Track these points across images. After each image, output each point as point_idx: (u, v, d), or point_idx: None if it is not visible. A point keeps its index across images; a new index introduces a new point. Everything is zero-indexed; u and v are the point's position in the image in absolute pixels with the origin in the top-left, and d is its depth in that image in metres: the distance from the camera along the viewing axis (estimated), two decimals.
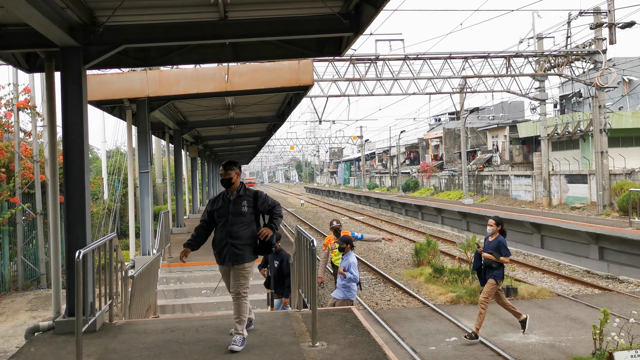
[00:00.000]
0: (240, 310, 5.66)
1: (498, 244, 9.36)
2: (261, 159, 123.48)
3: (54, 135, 7.31)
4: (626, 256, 16.09)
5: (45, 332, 6.42)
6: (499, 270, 9.42)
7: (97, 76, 11.62)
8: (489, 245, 9.48)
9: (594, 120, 26.43)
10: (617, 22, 24.44)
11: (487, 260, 9.44)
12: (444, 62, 25.93)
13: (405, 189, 50.94)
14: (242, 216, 5.76)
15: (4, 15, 6.39)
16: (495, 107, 48.35)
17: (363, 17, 7.03)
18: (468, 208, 27.68)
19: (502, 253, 9.32)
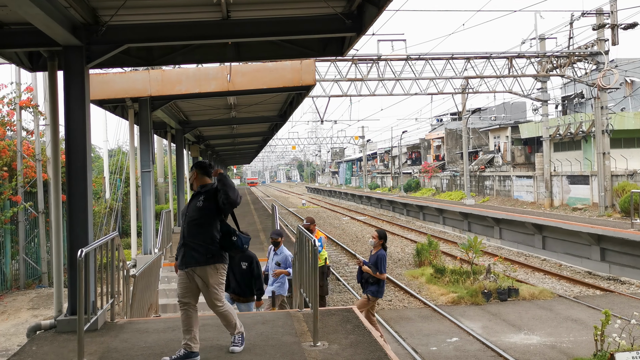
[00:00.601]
0: (227, 319, 5.33)
1: (377, 259, 8.78)
2: (263, 158, 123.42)
3: (56, 134, 7.32)
4: (628, 257, 16.07)
5: (47, 330, 6.43)
6: (373, 286, 8.77)
7: (100, 75, 11.64)
8: (370, 259, 8.99)
9: (596, 121, 26.40)
10: (619, 23, 24.41)
11: (365, 274, 8.88)
12: (446, 62, 25.91)
13: (407, 189, 50.92)
14: (199, 211, 5.21)
15: (7, 14, 6.40)
16: (497, 108, 48.30)
17: (365, 18, 7.03)
18: (469, 209, 27.66)
19: (379, 268, 8.71)
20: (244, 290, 7.97)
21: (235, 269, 7.97)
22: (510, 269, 16.65)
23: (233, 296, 8.01)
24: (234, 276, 7.95)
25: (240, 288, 7.98)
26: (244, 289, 7.97)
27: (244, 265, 7.92)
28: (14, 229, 13.43)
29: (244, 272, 7.96)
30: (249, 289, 7.97)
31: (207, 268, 5.17)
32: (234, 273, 7.95)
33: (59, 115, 7.23)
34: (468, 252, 14.59)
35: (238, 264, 7.91)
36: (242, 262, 7.87)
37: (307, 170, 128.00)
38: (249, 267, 7.95)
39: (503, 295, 13.12)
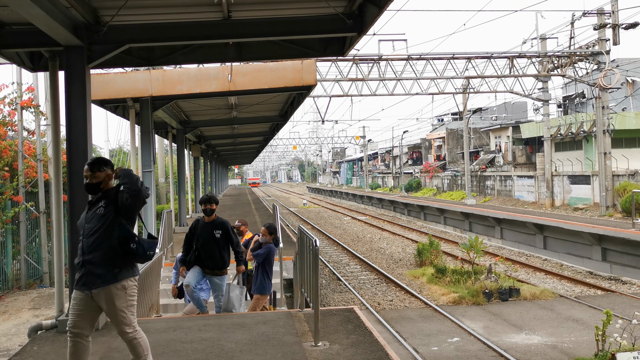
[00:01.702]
0: (137, 350, 4.39)
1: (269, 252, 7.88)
2: (264, 158, 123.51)
3: (57, 134, 7.34)
4: (629, 257, 16.05)
5: (48, 330, 6.44)
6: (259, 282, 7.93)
7: (101, 75, 11.65)
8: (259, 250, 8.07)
9: (597, 121, 26.38)
10: (620, 23, 24.39)
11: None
12: (447, 62, 25.91)
13: (408, 189, 50.91)
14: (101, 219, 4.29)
15: (8, 14, 6.41)
16: (498, 108, 48.28)
17: (366, 17, 7.04)
18: (470, 208, 27.65)
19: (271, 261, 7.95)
20: (219, 262, 7.34)
21: (207, 239, 7.34)
22: (511, 269, 16.63)
23: (207, 270, 7.36)
24: (205, 248, 7.32)
25: (213, 261, 7.31)
26: (218, 261, 7.32)
27: (218, 233, 7.34)
28: (15, 229, 13.44)
29: (218, 242, 7.34)
30: (224, 260, 7.40)
31: (114, 288, 4.25)
32: (205, 245, 7.33)
33: (60, 115, 7.24)
34: (469, 252, 14.59)
35: (210, 233, 7.33)
36: (215, 230, 7.33)
37: (308, 170, 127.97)
38: (224, 235, 7.38)
39: (504, 295, 13.11)
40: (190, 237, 7.50)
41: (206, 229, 7.38)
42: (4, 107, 13.99)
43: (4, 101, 13.90)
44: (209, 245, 7.31)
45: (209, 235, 7.33)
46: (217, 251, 7.30)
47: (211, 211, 7.43)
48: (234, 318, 6.74)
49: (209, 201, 7.45)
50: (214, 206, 7.46)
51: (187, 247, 7.51)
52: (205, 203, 7.46)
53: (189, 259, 7.43)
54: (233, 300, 7.39)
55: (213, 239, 7.31)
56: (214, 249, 7.30)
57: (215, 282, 7.38)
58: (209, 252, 7.31)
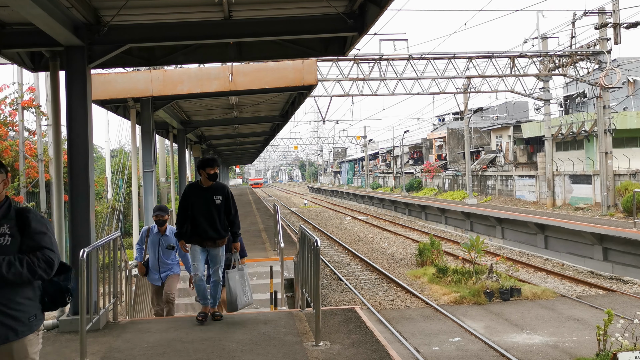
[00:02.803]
0: None
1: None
2: (265, 158, 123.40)
3: (58, 134, 7.35)
4: (630, 257, 16.04)
5: (50, 330, 6.44)
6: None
7: (102, 75, 11.65)
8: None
9: (599, 121, 26.35)
10: (622, 22, 24.36)
11: None
12: (448, 62, 25.89)
13: (409, 189, 50.89)
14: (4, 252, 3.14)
15: (9, 14, 6.41)
16: (499, 107, 48.24)
17: (367, 17, 7.03)
18: (472, 208, 27.63)
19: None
20: (221, 232, 6.50)
21: (208, 206, 6.46)
22: (512, 268, 16.62)
23: (209, 244, 6.48)
24: (206, 217, 6.42)
25: (215, 230, 6.44)
26: (218, 230, 6.47)
27: (218, 199, 6.47)
28: None
29: (219, 208, 6.48)
30: (224, 229, 6.54)
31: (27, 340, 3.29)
32: (205, 214, 6.43)
33: (60, 115, 7.25)
34: (470, 252, 14.57)
35: (210, 199, 6.46)
36: (215, 196, 6.46)
37: (309, 170, 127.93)
38: (225, 200, 6.52)
39: (505, 295, 13.10)
40: (185, 205, 6.50)
41: (205, 195, 6.45)
42: (5, 108, 14.00)
43: (5, 101, 13.90)
44: (209, 214, 6.42)
45: (209, 202, 6.43)
46: (218, 220, 6.44)
47: (216, 176, 6.52)
48: (235, 318, 6.73)
49: (209, 163, 6.46)
50: (217, 170, 6.53)
51: (182, 217, 6.49)
52: (209, 165, 6.43)
53: (185, 230, 6.47)
54: (236, 290, 6.63)
55: (214, 206, 6.43)
56: (214, 217, 6.42)
57: (213, 254, 6.58)
58: (210, 222, 6.41)
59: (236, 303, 6.63)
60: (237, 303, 6.62)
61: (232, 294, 6.63)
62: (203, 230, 6.43)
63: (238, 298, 6.64)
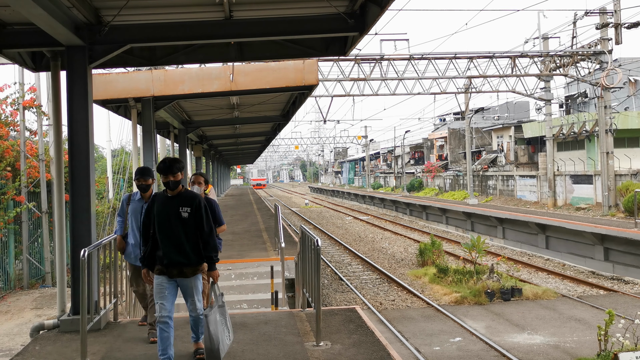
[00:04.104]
0: None
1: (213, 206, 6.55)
2: (266, 158, 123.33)
3: (59, 134, 7.35)
4: (631, 257, 16.02)
5: (50, 330, 6.44)
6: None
7: (103, 75, 11.66)
8: None
9: (600, 121, 26.33)
10: (623, 22, 24.34)
11: None
12: (449, 62, 25.88)
13: (410, 189, 50.88)
14: None
15: (10, 14, 6.42)
16: (500, 107, 48.22)
17: (368, 17, 7.03)
18: (473, 208, 27.62)
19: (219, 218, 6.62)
20: (189, 255, 4.96)
21: (170, 222, 4.96)
22: (513, 268, 16.61)
23: (174, 273, 4.97)
24: (167, 237, 4.96)
25: (181, 253, 4.94)
26: (187, 253, 4.95)
27: (185, 212, 4.97)
28: (17, 229, 13.45)
29: (186, 223, 4.96)
30: (196, 252, 5.01)
31: None
32: (165, 231, 4.96)
33: (62, 115, 7.25)
34: (471, 252, 14.57)
35: (174, 212, 4.96)
36: (181, 207, 4.97)
37: (310, 170, 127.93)
38: (194, 213, 4.99)
39: (506, 295, 13.09)
40: (147, 222, 5.10)
41: (168, 206, 5.00)
42: (6, 108, 14.01)
43: (6, 101, 13.92)
44: (173, 231, 4.95)
45: (173, 215, 4.97)
46: (186, 239, 4.95)
47: (175, 184, 5.00)
48: (236, 318, 6.73)
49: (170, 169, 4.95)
50: (178, 176, 5.02)
51: (145, 237, 5.12)
52: (162, 172, 5.00)
53: (146, 254, 5.08)
54: (217, 336, 5.04)
55: (180, 220, 4.96)
56: (180, 236, 4.94)
57: (184, 286, 5.08)
58: (174, 242, 4.94)
59: (218, 352, 5.03)
60: (219, 352, 5.03)
61: (214, 341, 5.02)
62: (165, 253, 4.95)
63: (220, 345, 5.05)
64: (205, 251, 5.05)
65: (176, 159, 5.18)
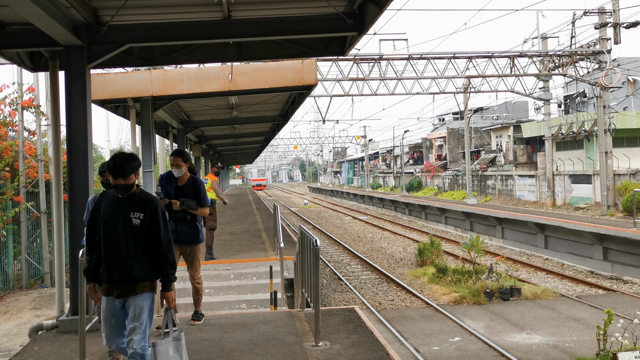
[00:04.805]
0: None
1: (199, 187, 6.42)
2: (265, 158, 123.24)
3: (58, 134, 7.35)
4: (630, 257, 16.03)
5: (49, 330, 6.44)
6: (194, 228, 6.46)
7: (101, 75, 11.65)
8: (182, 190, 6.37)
9: (599, 121, 26.35)
10: (621, 22, 24.36)
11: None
12: (448, 62, 25.89)
13: (409, 189, 50.90)
14: None
15: (8, 14, 6.41)
16: (499, 107, 48.25)
17: (367, 17, 7.03)
18: (472, 208, 27.63)
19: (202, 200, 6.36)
20: (135, 272, 4.11)
21: (116, 228, 4.13)
22: (512, 268, 16.62)
23: (114, 291, 4.14)
24: (111, 246, 4.12)
25: (124, 268, 4.09)
26: (131, 269, 4.11)
27: (137, 218, 4.10)
28: (16, 229, 13.44)
29: (137, 232, 4.12)
30: (145, 268, 4.15)
31: None
32: (111, 238, 4.12)
33: (60, 115, 7.24)
34: (470, 252, 14.57)
35: (124, 216, 4.12)
36: (132, 212, 4.11)
37: (309, 170, 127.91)
38: (148, 220, 4.13)
39: (505, 294, 13.09)
40: (93, 225, 4.26)
41: (116, 209, 4.14)
42: (4, 108, 14.00)
43: (5, 102, 13.90)
44: (118, 239, 4.11)
45: (121, 220, 4.11)
46: (134, 251, 4.12)
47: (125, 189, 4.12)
48: (235, 318, 6.73)
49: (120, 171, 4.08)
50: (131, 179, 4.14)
51: (90, 245, 4.29)
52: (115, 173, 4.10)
53: (90, 266, 4.27)
54: None
55: (129, 227, 4.11)
56: (127, 246, 4.11)
57: (132, 304, 4.14)
58: (119, 253, 4.11)
59: None
60: None
61: None
62: (106, 268, 4.13)
63: None
64: (161, 268, 4.17)
65: (129, 157, 4.19)
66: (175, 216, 6.18)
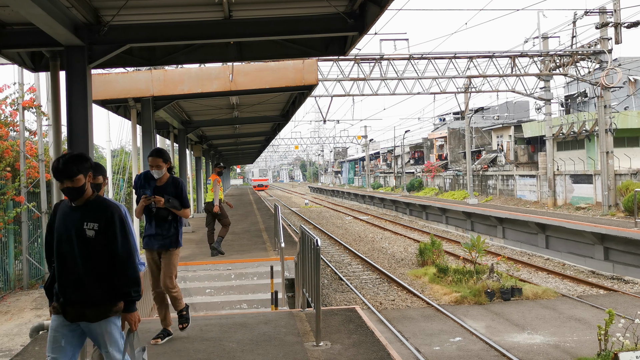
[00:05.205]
0: None
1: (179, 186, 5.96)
2: (265, 158, 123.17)
3: (58, 134, 7.35)
4: (631, 257, 16.01)
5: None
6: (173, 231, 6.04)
7: (102, 75, 11.65)
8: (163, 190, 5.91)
9: (600, 120, 26.33)
10: (622, 22, 24.34)
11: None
12: (449, 61, 25.88)
13: (410, 189, 50.88)
14: None
15: (9, 14, 6.42)
16: (500, 107, 48.24)
17: (368, 17, 7.03)
18: (472, 208, 27.62)
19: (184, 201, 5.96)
20: (92, 291, 3.58)
21: (70, 241, 3.58)
22: (513, 268, 16.61)
23: (68, 313, 3.61)
24: (63, 262, 3.60)
25: (80, 287, 3.57)
26: (89, 288, 3.58)
27: (91, 228, 3.55)
28: (17, 229, 13.46)
29: (90, 245, 3.56)
30: (103, 286, 3.60)
31: None
32: (64, 253, 3.60)
33: (61, 115, 7.25)
34: (471, 252, 14.56)
35: (77, 229, 3.56)
36: (86, 222, 3.55)
37: (309, 170, 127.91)
38: (104, 231, 3.57)
39: (506, 294, 13.09)
40: (50, 240, 3.75)
41: (68, 220, 3.62)
42: (5, 108, 14.02)
43: (6, 102, 13.92)
44: (72, 254, 3.58)
45: (74, 232, 3.59)
46: (90, 266, 3.58)
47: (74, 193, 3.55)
48: (236, 318, 6.73)
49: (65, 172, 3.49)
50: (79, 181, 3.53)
51: (49, 257, 3.81)
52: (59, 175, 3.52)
53: (48, 283, 3.80)
54: None
55: (83, 239, 3.57)
56: (80, 261, 3.58)
57: (91, 332, 3.69)
58: (70, 271, 3.59)
59: None
60: None
61: None
62: (60, 286, 3.62)
63: None
64: (121, 285, 3.62)
65: (76, 156, 3.59)
66: (158, 214, 5.80)
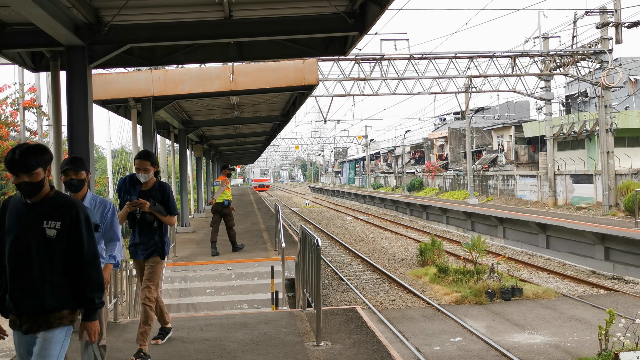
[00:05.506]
0: None
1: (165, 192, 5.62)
2: (266, 158, 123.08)
3: (59, 134, 7.35)
4: (632, 256, 16.01)
5: None
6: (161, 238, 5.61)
7: (102, 75, 11.65)
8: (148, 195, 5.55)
9: (600, 120, 26.32)
10: (623, 22, 24.33)
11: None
12: (449, 61, 25.87)
13: (410, 189, 50.88)
14: None
15: (10, 14, 6.42)
16: (501, 107, 48.22)
17: (368, 17, 7.03)
18: (473, 208, 27.61)
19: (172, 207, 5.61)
20: (47, 297, 3.16)
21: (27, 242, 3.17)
22: (514, 268, 16.60)
23: (25, 323, 3.17)
24: (16, 266, 3.17)
25: (35, 293, 3.16)
26: (45, 294, 3.16)
27: (52, 228, 3.17)
28: None
29: (51, 246, 3.17)
30: (62, 292, 3.20)
31: None
32: (17, 255, 3.17)
33: (61, 115, 7.25)
34: (472, 252, 14.56)
35: (36, 229, 3.17)
36: (46, 221, 3.17)
37: (310, 170, 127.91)
38: (67, 230, 3.19)
39: (507, 294, 13.08)
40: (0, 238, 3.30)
41: (25, 218, 3.21)
42: (6, 108, 14.02)
43: (6, 102, 13.93)
44: (28, 257, 3.18)
45: (32, 231, 3.18)
46: (48, 270, 3.18)
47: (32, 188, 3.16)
48: (236, 318, 6.73)
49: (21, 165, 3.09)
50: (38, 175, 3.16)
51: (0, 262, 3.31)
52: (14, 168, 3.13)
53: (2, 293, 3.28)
54: None
55: (43, 240, 3.17)
56: (37, 264, 3.17)
57: (40, 344, 3.16)
58: (25, 275, 3.17)
59: None
60: None
61: None
62: (12, 294, 3.19)
63: None
64: (84, 291, 3.21)
65: (34, 147, 3.20)
66: (142, 220, 5.44)
